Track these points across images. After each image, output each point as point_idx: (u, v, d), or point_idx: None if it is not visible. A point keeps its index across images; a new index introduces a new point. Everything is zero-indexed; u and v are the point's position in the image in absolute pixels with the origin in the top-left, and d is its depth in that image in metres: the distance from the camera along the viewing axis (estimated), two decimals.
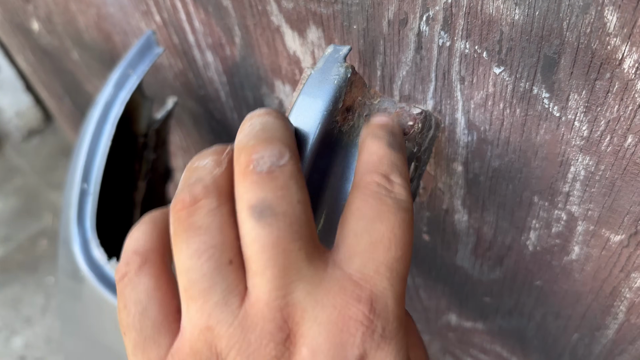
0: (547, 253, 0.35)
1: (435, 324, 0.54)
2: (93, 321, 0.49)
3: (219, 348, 0.21)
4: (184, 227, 0.22)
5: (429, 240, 0.44)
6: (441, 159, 0.36)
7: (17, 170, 3.06)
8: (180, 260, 0.22)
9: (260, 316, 0.21)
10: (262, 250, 0.21)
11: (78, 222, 0.44)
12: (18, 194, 2.93)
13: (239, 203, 0.23)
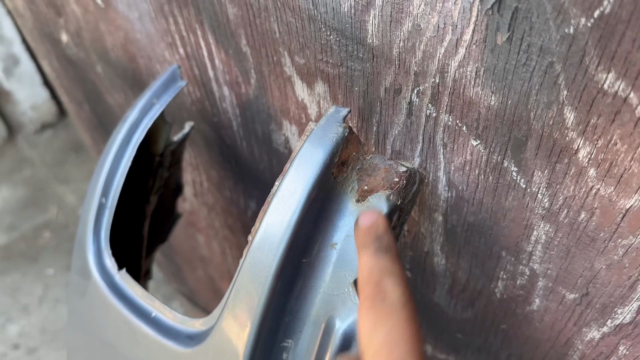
0: (512, 301, 0.39)
1: None
2: (98, 319, 0.53)
3: None
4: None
5: (410, 277, 0.48)
6: (424, 208, 0.40)
7: (28, 162, 3.12)
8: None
9: None
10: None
11: (94, 233, 0.49)
12: (26, 185, 2.98)
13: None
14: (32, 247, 2.64)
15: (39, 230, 2.72)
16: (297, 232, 0.33)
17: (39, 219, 2.79)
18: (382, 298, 0.28)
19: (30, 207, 2.88)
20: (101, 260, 0.48)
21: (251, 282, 0.34)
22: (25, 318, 2.32)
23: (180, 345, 0.40)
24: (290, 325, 0.36)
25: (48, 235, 2.65)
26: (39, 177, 3.01)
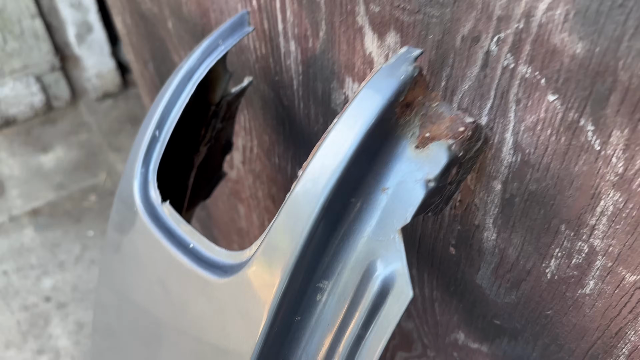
0: (563, 283, 0.37)
1: (443, 340, 0.56)
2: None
3: None
4: None
5: (454, 254, 0.46)
6: (483, 175, 0.38)
7: (85, 126, 3.23)
8: None
9: None
10: None
11: (143, 163, 0.49)
12: (81, 148, 3.08)
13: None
14: (77, 207, 2.73)
15: (86, 193, 2.81)
16: (352, 166, 0.32)
17: (88, 182, 2.88)
18: None
19: (81, 169, 2.97)
20: (146, 190, 0.49)
21: (297, 213, 0.33)
22: (60, 274, 2.39)
23: (215, 275, 0.39)
24: (329, 266, 0.35)
25: (94, 199, 2.73)
26: (94, 143, 3.11)
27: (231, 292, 0.37)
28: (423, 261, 0.52)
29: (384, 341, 0.34)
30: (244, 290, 0.37)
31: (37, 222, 2.65)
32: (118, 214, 0.55)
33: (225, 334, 0.39)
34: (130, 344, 0.58)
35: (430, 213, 0.35)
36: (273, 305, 0.35)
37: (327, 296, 0.35)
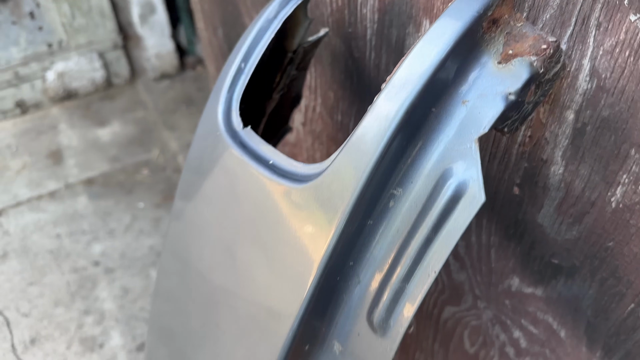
0: (627, 211, 0.38)
1: (496, 289, 0.57)
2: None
3: None
4: None
5: (517, 194, 0.48)
6: (556, 105, 0.40)
7: (142, 105, 3.35)
8: None
9: None
10: None
11: (228, 90, 0.53)
12: (136, 125, 3.20)
13: None
14: (130, 180, 2.83)
15: (139, 167, 2.91)
16: (438, 73, 0.34)
17: (141, 157, 2.98)
18: None
19: (135, 144, 3.08)
20: (229, 116, 0.52)
21: (379, 119, 0.36)
22: (110, 241, 2.49)
23: (295, 183, 0.42)
24: (405, 174, 0.38)
25: (146, 173, 2.83)
26: (149, 120, 3.22)
27: (310, 196, 0.40)
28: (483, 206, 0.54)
29: (453, 243, 0.36)
30: (322, 194, 0.40)
31: (91, 191, 2.77)
32: (198, 148, 0.59)
33: (298, 240, 0.42)
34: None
35: (506, 129, 0.37)
36: (348, 207, 0.38)
37: (400, 203, 0.38)
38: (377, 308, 0.40)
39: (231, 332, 0.51)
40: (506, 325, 0.58)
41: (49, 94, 3.19)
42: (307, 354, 0.44)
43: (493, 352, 0.63)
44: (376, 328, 0.41)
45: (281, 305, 0.43)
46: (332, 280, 0.41)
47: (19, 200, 2.70)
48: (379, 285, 0.40)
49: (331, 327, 0.43)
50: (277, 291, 0.44)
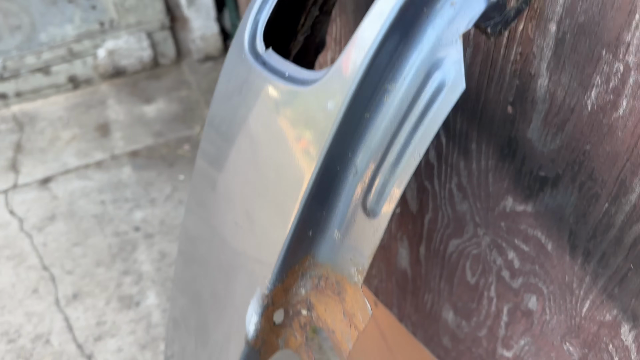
0: (600, 111, 0.42)
1: (493, 212, 0.62)
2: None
3: None
4: None
5: (511, 113, 0.52)
6: (541, 19, 0.44)
7: (186, 84, 3.47)
8: None
9: None
10: None
11: (255, 15, 0.59)
12: (180, 103, 3.32)
13: None
14: (172, 154, 2.95)
15: (181, 142, 3.03)
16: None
17: (183, 133, 3.10)
18: None
19: (178, 121, 3.20)
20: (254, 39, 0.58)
21: (375, 17, 0.41)
22: (151, 209, 2.61)
23: (306, 85, 0.48)
24: (397, 69, 0.43)
25: (187, 148, 2.94)
26: (192, 99, 3.33)
27: (317, 93, 0.46)
28: (483, 131, 0.58)
29: (435, 128, 0.41)
30: (327, 89, 0.45)
31: (135, 162, 2.90)
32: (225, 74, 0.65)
33: (304, 134, 0.48)
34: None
35: (489, 29, 0.42)
36: (347, 98, 0.43)
37: (392, 97, 0.43)
38: (370, 194, 0.46)
39: (241, 227, 0.57)
40: (502, 248, 0.63)
41: (99, 71, 3.35)
42: (311, 239, 0.50)
43: (491, 279, 0.67)
44: (369, 212, 0.46)
45: (287, 193, 0.49)
46: (333, 170, 0.47)
47: (67, 168, 2.85)
48: (372, 174, 0.45)
49: (331, 216, 0.49)
50: (284, 180, 0.49)
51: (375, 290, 1.16)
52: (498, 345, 0.72)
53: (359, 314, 0.48)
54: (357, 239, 0.48)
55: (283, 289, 0.52)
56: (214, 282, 0.66)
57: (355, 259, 0.48)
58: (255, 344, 0.55)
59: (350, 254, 0.49)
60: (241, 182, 0.57)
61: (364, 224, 0.47)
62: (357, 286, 0.48)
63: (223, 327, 0.63)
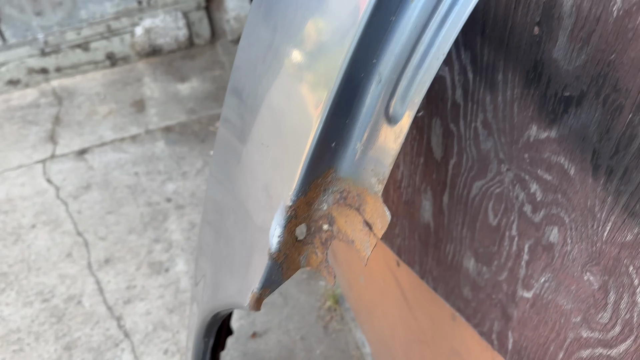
0: (626, 16, 0.42)
1: (517, 144, 0.62)
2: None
3: None
4: None
5: (537, 33, 0.53)
6: None
7: (219, 64, 3.52)
8: None
9: None
10: None
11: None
12: (213, 82, 3.37)
13: None
14: (204, 130, 3.00)
15: (213, 119, 3.08)
16: None
17: (215, 111, 3.15)
18: None
19: (211, 100, 3.25)
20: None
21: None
22: (182, 181, 2.66)
23: None
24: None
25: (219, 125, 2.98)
26: (225, 79, 3.38)
27: None
28: (510, 58, 0.58)
29: (459, 26, 0.42)
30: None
31: (168, 137, 2.97)
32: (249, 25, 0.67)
33: (329, 39, 0.49)
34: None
35: None
36: (373, 1, 0.44)
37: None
38: (392, 99, 0.47)
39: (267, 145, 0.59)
40: (524, 181, 0.63)
41: (135, 49, 3.43)
42: (334, 151, 0.51)
43: (513, 216, 0.68)
44: (391, 119, 0.47)
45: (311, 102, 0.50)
46: (357, 78, 0.48)
47: (103, 141, 2.94)
48: (396, 79, 0.46)
49: (354, 126, 0.50)
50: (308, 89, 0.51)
51: (397, 250, 1.16)
52: (518, 286, 0.72)
53: (378, 221, 0.49)
54: (378, 148, 0.49)
55: (306, 202, 0.54)
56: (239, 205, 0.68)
57: (376, 169, 0.49)
58: (278, 258, 0.57)
59: (371, 165, 0.50)
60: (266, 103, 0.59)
61: (385, 132, 0.48)
62: (377, 196, 0.50)
63: (247, 246, 0.65)
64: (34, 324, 2.05)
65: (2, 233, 2.41)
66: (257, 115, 0.62)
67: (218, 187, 0.80)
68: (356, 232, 0.52)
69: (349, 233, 0.53)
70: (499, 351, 0.84)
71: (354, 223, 0.52)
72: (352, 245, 0.53)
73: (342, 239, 0.54)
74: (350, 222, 0.53)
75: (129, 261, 2.30)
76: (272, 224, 0.56)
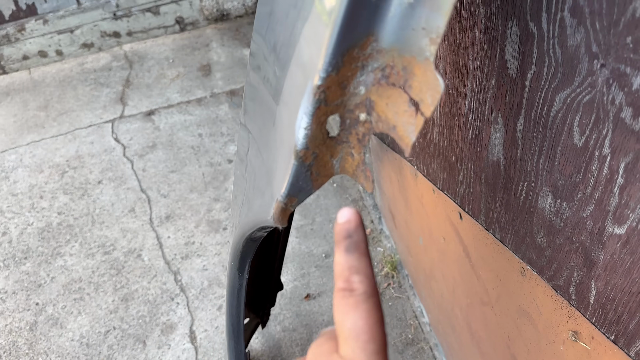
0: None
1: (617, 28, 0.48)
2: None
3: None
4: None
5: None
6: None
7: None
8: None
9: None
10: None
11: None
12: None
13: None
14: None
15: None
16: None
17: None
18: (349, 293, 0.34)
19: None
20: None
21: None
22: None
23: None
24: None
25: None
26: None
27: None
28: None
29: None
30: None
31: (232, 100, 2.94)
32: None
33: None
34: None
35: None
36: None
37: None
38: None
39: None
40: (625, 76, 0.49)
41: (204, 13, 3.42)
42: (375, 9, 0.40)
43: (607, 128, 0.54)
44: None
45: None
46: None
47: (170, 103, 2.95)
48: None
49: None
50: None
51: (461, 201, 1.04)
52: (608, 221, 0.59)
53: (428, 95, 0.38)
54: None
55: (338, 81, 0.44)
56: (269, 104, 0.59)
57: (429, 23, 0.38)
58: (305, 158, 0.47)
59: (422, 21, 0.39)
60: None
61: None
62: (429, 61, 0.39)
63: (274, 149, 0.56)
64: (94, 275, 2.09)
65: (70, 187, 2.48)
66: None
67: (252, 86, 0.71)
68: (399, 115, 0.41)
69: (390, 118, 0.42)
70: (578, 307, 0.70)
71: (398, 104, 0.42)
72: (394, 132, 0.42)
73: (382, 127, 0.44)
74: (392, 103, 0.42)
75: (189, 218, 2.29)
76: (298, 114, 0.47)
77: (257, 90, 0.72)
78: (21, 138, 2.83)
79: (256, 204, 0.64)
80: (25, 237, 2.27)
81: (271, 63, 0.62)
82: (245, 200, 0.74)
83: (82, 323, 1.92)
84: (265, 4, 0.66)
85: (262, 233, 0.78)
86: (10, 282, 2.10)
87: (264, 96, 0.67)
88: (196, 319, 1.88)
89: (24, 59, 3.27)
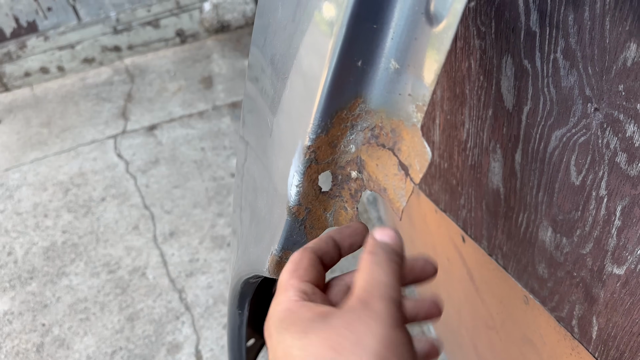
0: None
1: (609, 75, 0.48)
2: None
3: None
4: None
5: None
6: None
7: None
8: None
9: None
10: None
11: None
12: None
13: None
14: None
15: None
16: None
17: None
18: (369, 314, 0.32)
19: None
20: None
21: None
22: None
23: None
24: None
25: None
26: None
27: None
28: None
29: None
30: None
31: (234, 113, 2.94)
32: None
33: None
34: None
35: None
36: None
37: None
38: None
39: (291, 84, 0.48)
40: (618, 123, 0.49)
41: (204, 25, 3.43)
42: (361, 72, 0.40)
43: (602, 170, 0.53)
44: (433, 17, 0.35)
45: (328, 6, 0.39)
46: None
47: (172, 117, 2.96)
48: None
49: (385, 33, 0.38)
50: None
51: (463, 224, 1.03)
52: (607, 260, 0.58)
53: (416, 162, 0.38)
54: (417, 61, 0.37)
55: (328, 141, 0.43)
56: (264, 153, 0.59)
57: (415, 91, 0.38)
58: (298, 213, 0.47)
59: (408, 88, 0.39)
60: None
61: (426, 37, 0.36)
62: (416, 128, 0.38)
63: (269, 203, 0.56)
64: (99, 294, 2.09)
65: (74, 205, 2.49)
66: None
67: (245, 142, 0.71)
68: (389, 177, 0.41)
69: (381, 180, 0.42)
70: (580, 340, 0.70)
71: (387, 167, 0.41)
72: (384, 195, 0.42)
73: (373, 187, 0.43)
74: (382, 165, 0.42)
75: (193, 234, 2.29)
76: (290, 172, 0.46)
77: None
78: (24, 156, 2.85)
79: (249, 251, 0.64)
80: (30, 256, 2.28)
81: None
82: (240, 240, 0.74)
83: (89, 344, 1.93)
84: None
85: (259, 279, 0.78)
86: (17, 302, 2.10)
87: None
88: (202, 337, 1.88)
89: (26, 75, 3.29)
